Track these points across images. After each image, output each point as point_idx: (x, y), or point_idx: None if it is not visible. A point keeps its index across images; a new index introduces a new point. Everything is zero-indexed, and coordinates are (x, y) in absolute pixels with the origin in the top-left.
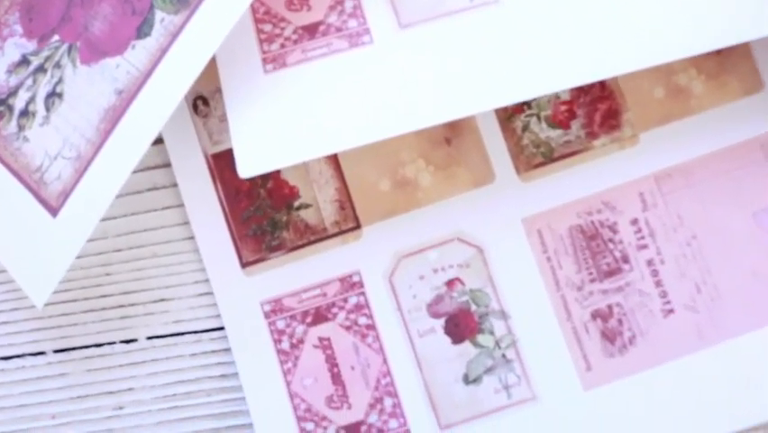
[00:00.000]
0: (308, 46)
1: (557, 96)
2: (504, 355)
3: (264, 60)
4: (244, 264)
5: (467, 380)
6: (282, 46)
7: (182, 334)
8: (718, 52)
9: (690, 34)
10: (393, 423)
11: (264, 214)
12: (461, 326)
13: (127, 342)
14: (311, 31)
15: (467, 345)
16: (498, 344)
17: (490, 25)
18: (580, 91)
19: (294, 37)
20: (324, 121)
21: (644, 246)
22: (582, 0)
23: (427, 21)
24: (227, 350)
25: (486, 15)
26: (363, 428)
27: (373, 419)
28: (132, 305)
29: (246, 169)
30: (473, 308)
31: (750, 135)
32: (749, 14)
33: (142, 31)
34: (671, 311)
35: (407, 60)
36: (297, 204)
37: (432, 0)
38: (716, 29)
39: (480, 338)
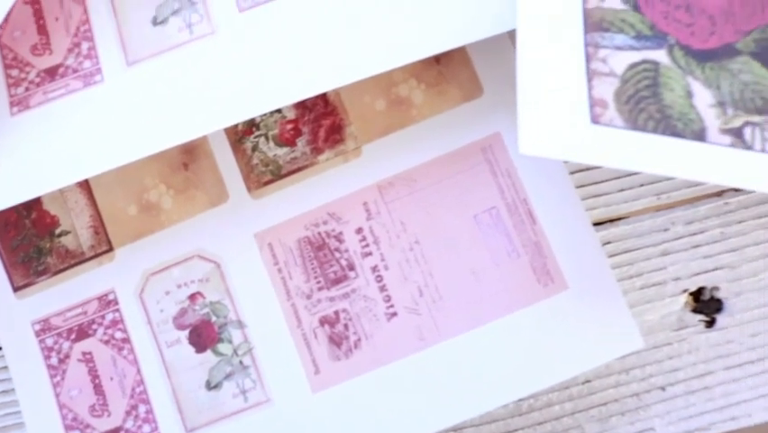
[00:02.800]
0: (49, 88)
1: (283, 115)
2: (241, 362)
3: (11, 104)
4: (16, 288)
5: (209, 386)
6: (27, 89)
7: None
8: (438, 62)
9: (402, 43)
10: (146, 427)
11: (30, 242)
12: (202, 336)
13: None
14: (52, 73)
15: (209, 353)
16: (235, 351)
17: (209, 55)
18: (305, 109)
19: (37, 80)
20: (59, 156)
21: (369, 254)
22: (292, 21)
23: (152, 57)
24: (6, 368)
25: (204, 46)
26: None
27: (129, 424)
28: None
29: None
30: (213, 319)
31: (471, 140)
32: (461, 20)
33: None
34: (394, 314)
35: (133, 94)
36: (58, 231)
37: (155, 37)
38: (429, 36)
39: (220, 347)
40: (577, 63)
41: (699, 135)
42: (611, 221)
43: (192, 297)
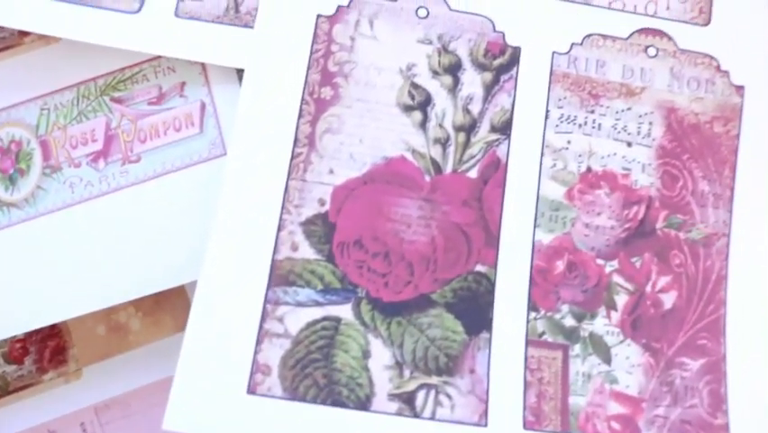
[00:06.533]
0: None
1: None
2: None
3: None
4: None
5: None
6: None
7: None
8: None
9: (126, 282)
10: None
11: None
12: None
13: None
14: None
15: None
16: None
17: None
18: (33, 330)
19: None
20: None
21: None
22: (18, 257)
23: None
24: None
25: None
26: None
27: None
28: None
29: None
30: None
31: None
32: (179, 262)
33: None
34: None
35: None
36: None
37: None
38: (151, 275)
39: None
40: (249, 323)
41: (364, 404)
42: None
43: None
